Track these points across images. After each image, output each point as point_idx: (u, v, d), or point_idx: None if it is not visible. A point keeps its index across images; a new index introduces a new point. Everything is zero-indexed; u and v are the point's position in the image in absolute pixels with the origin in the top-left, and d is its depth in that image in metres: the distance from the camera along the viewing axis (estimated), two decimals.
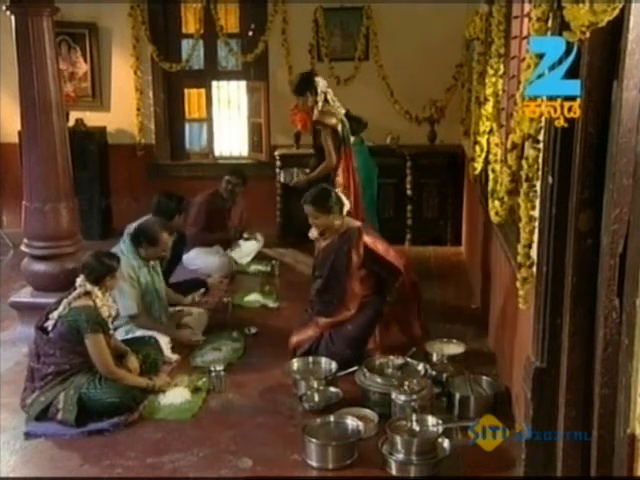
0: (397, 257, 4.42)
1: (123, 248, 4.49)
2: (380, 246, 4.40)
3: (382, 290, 4.37)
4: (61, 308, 3.69)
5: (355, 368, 3.98)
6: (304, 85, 5.32)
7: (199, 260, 5.93)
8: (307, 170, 5.70)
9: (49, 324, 3.71)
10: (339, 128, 5.28)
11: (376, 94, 7.08)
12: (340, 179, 5.25)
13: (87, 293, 3.74)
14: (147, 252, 4.51)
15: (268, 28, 7.19)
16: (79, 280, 3.77)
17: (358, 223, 4.46)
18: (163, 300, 4.66)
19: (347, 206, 4.40)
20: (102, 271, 3.79)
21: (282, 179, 6.29)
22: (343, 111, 5.39)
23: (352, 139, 5.48)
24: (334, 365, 4.07)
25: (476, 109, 4.93)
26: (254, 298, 5.47)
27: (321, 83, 5.29)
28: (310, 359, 4.20)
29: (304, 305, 4.67)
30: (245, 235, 6.34)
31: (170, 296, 4.82)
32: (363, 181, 5.55)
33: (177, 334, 4.56)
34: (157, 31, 7.41)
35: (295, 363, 4.17)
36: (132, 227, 4.73)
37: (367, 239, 4.34)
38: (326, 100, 5.26)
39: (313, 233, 4.54)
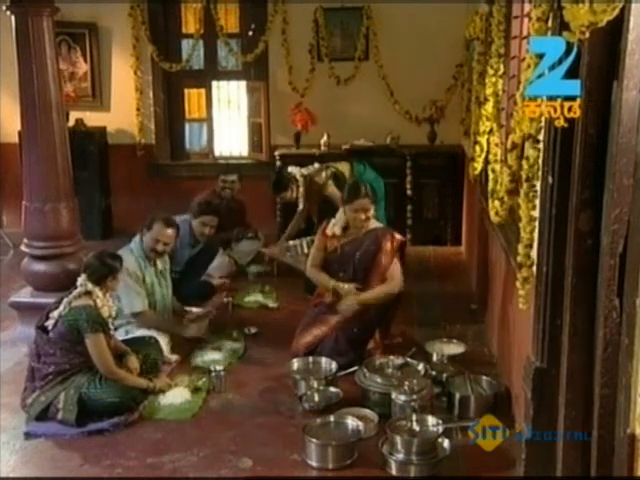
0: None
1: (132, 247, 4.49)
2: None
3: None
4: (61, 307, 3.69)
5: (355, 368, 3.98)
6: (285, 180, 5.68)
7: None
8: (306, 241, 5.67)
9: (49, 323, 3.70)
10: (334, 171, 5.59)
11: (376, 94, 7.08)
12: None
13: (88, 293, 3.73)
14: (145, 239, 4.48)
15: (268, 28, 7.19)
16: (80, 279, 3.77)
17: (382, 224, 4.54)
18: (168, 305, 4.67)
19: None
20: (104, 272, 3.78)
21: (295, 252, 5.73)
22: (317, 164, 5.73)
23: (347, 168, 5.68)
24: (334, 365, 4.07)
25: (476, 109, 4.93)
26: (254, 298, 5.48)
27: (295, 170, 5.63)
28: (310, 359, 4.20)
29: (304, 305, 4.67)
30: (248, 234, 6.34)
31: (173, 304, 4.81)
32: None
33: (183, 330, 4.57)
34: (157, 31, 7.41)
35: (295, 363, 4.16)
36: None
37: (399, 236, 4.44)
38: (304, 176, 5.59)
39: (336, 229, 4.44)
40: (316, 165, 5.76)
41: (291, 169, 5.77)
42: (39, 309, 3.96)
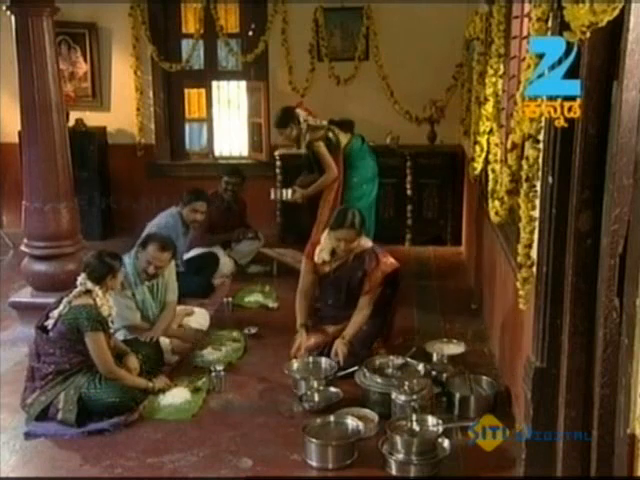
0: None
1: (127, 261, 4.30)
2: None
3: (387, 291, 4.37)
4: (61, 307, 3.69)
5: (355, 368, 3.98)
6: (287, 118, 5.71)
7: None
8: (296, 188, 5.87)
9: (49, 323, 3.70)
10: (330, 135, 5.60)
11: (376, 94, 7.08)
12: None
13: (87, 292, 3.73)
14: (140, 258, 4.34)
15: (268, 28, 7.19)
16: (80, 278, 3.77)
17: (370, 243, 4.39)
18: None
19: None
20: (104, 270, 3.78)
21: (281, 197, 6.11)
22: (325, 122, 5.73)
23: (346, 139, 5.68)
24: (334, 365, 4.08)
25: (476, 109, 4.93)
26: (254, 298, 5.47)
27: (302, 114, 5.70)
28: (310, 359, 4.20)
29: None
30: (249, 235, 6.35)
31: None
32: (360, 181, 5.66)
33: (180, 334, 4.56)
34: (157, 31, 7.41)
35: (295, 363, 4.16)
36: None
37: (385, 260, 4.28)
38: (308, 124, 5.66)
39: (324, 256, 4.30)
40: (324, 122, 5.77)
41: (299, 111, 5.81)
42: (39, 309, 3.96)
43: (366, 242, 4.38)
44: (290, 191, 5.91)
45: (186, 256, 5.63)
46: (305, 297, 4.45)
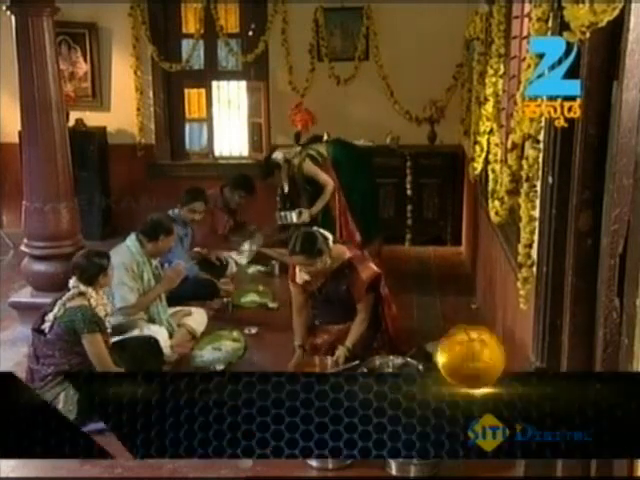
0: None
1: (129, 244, 4.48)
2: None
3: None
4: (56, 310, 3.68)
5: (356, 362, 3.97)
6: (269, 167, 5.96)
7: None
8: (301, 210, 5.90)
9: (46, 326, 3.70)
10: (311, 152, 5.85)
11: (376, 94, 7.07)
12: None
13: (81, 294, 3.73)
14: (162, 244, 4.53)
15: (268, 28, 7.18)
16: (72, 282, 3.76)
17: (347, 254, 4.22)
18: (162, 300, 4.66)
19: (330, 237, 4.22)
20: (94, 270, 3.77)
21: (286, 221, 6.00)
22: (298, 148, 6.02)
23: (323, 148, 5.93)
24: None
25: (476, 109, 4.93)
26: (250, 298, 5.46)
27: (279, 156, 5.92)
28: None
29: None
30: (254, 229, 6.40)
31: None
32: (349, 182, 5.87)
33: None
34: (157, 31, 7.41)
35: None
36: None
37: (363, 269, 4.19)
38: (287, 159, 5.88)
39: (303, 277, 4.20)
40: (297, 149, 5.96)
41: (275, 155, 5.97)
42: (39, 309, 3.95)
43: (342, 253, 4.22)
44: (295, 214, 5.89)
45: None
46: (300, 314, 4.37)
